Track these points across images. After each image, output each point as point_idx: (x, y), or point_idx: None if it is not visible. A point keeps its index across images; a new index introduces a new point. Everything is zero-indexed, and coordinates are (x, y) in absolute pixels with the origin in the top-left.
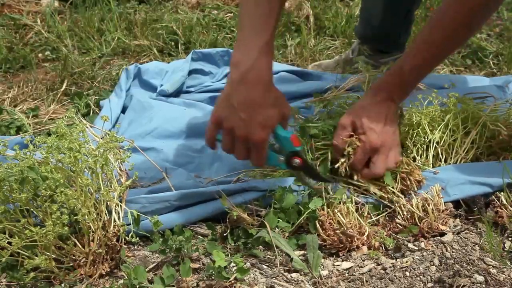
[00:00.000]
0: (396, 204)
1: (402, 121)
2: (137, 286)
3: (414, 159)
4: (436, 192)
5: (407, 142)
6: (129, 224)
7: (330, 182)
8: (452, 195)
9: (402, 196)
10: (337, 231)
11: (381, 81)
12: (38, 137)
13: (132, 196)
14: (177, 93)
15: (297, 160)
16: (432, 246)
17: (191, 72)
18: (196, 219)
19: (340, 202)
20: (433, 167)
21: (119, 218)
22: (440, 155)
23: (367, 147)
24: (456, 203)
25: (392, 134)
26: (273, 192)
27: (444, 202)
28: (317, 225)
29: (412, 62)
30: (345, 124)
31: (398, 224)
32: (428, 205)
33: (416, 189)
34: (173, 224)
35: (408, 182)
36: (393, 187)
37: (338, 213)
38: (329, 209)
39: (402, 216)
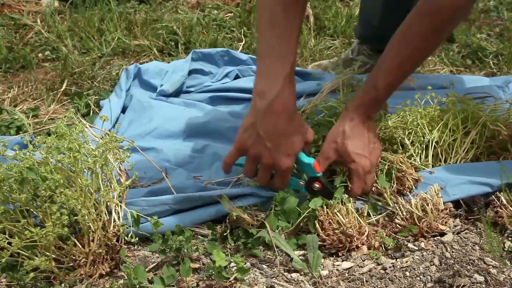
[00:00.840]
0: (395, 205)
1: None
2: (137, 286)
3: (410, 158)
4: (435, 192)
5: (405, 141)
6: (130, 227)
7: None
8: (452, 195)
9: (399, 197)
10: (337, 231)
11: (357, 101)
12: (38, 137)
13: (132, 198)
14: (177, 93)
15: (317, 185)
16: (432, 246)
17: (191, 72)
18: (195, 223)
19: (339, 203)
20: (433, 167)
21: (119, 218)
22: (440, 155)
23: (361, 173)
24: (456, 203)
25: (377, 151)
26: (274, 198)
27: (444, 202)
28: (317, 225)
29: (386, 79)
30: (328, 154)
31: (397, 224)
32: (427, 205)
33: (414, 187)
34: (173, 227)
35: (405, 180)
36: (389, 188)
37: (338, 213)
38: (328, 210)
39: (402, 216)
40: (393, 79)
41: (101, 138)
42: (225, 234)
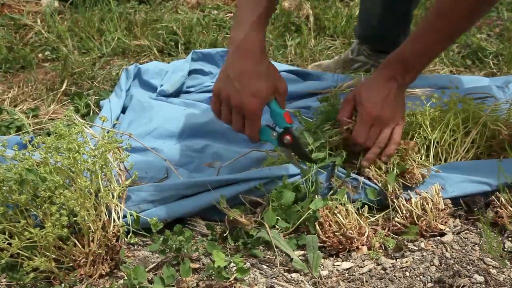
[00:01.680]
0: (394, 203)
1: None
2: (137, 286)
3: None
4: (436, 191)
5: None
6: (130, 224)
7: (315, 163)
8: (449, 192)
9: (400, 187)
10: (337, 233)
11: (384, 62)
12: (38, 137)
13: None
14: (177, 93)
15: (287, 137)
16: (432, 246)
17: (191, 72)
18: (200, 208)
19: (341, 204)
20: (433, 165)
21: (118, 219)
22: (440, 155)
23: (364, 116)
24: (456, 203)
25: (392, 109)
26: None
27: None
28: (317, 226)
29: (415, 45)
30: (348, 98)
31: (397, 223)
32: (427, 204)
33: (419, 181)
34: (176, 214)
35: (410, 176)
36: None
37: (338, 214)
38: (328, 211)
39: (401, 215)
40: (423, 46)
41: (101, 138)
42: (225, 234)
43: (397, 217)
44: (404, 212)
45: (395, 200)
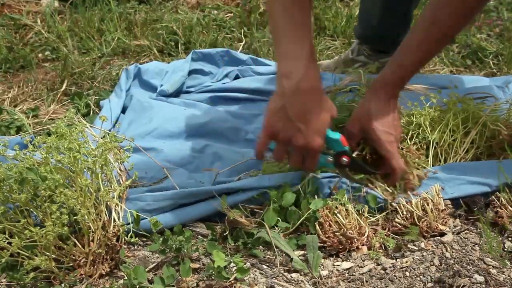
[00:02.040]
0: (395, 204)
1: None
2: (137, 286)
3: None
4: (436, 192)
5: (407, 142)
6: (129, 224)
7: (374, 174)
8: (450, 193)
9: (404, 194)
10: (337, 233)
11: (382, 79)
12: (38, 137)
13: (135, 195)
14: (177, 93)
15: (345, 159)
16: (432, 246)
17: (191, 72)
18: (199, 217)
19: (341, 204)
20: (433, 166)
21: (119, 218)
22: (440, 155)
23: (393, 151)
24: (456, 204)
25: (400, 128)
26: (271, 188)
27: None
28: (317, 226)
29: (412, 58)
30: (354, 131)
31: (397, 224)
32: (428, 205)
33: (416, 186)
34: (175, 222)
35: (411, 177)
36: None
37: (338, 214)
38: (328, 211)
39: (402, 215)
40: (420, 58)
41: (101, 138)
42: (225, 234)
43: (398, 218)
44: (404, 213)
45: (394, 204)
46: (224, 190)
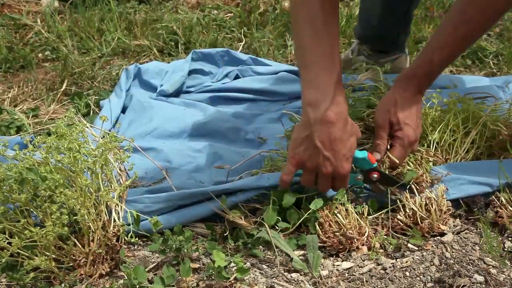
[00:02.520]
0: (398, 202)
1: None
2: (137, 286)
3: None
4: (441, 193)
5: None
6: (129, 224)
7: (402, 183)
8: (451, 194)
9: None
10: (337, 233)
11: (410, 74)
12: (38, 137)
13: (134, 196)
14: (177, 93)
15: (375, 175)
16: (432, 246)
17: (191, 72)
18: (197, 218)
19: (341, 204)
20: (433, 166)
21: (119, 218)
22: (440, 155)
23: (405, 142)
24: (456, 203)
25: (420, 127)
26: (271, 188)
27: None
28: (317, 226)
29: (441, 54)
30: (383, 124)
31: (399, 221)
32: (432, 205)
33: (427, 185)
34: (174, 224)
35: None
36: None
37: (338, 214)
38: (328, 211)
39: (404, 213)
40: (449, 55)
41: (101, 138)
42: (225, 234)
43: (400, 215)
44: (407, 211)
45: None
46: (222, 191)
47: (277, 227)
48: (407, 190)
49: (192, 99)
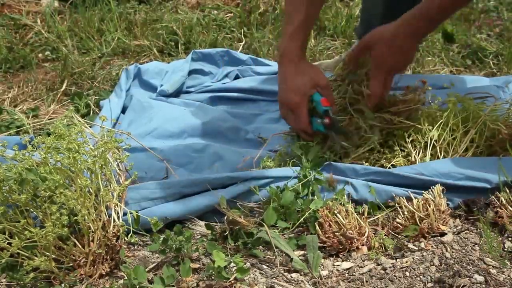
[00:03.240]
0: (396, 204)
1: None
2: (137, 286)
3: (407, 156)
4: (438, 193)
5: (406, 143)
6: (129, 224)
7: (353, 135)
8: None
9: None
10: (337, 234)
11: (408, 16)
12: (38, 137)
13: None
14: (177, 93)
15: (327, 121)
16: (432, 246)
17: (191, 72)
18: (200, 209)
19: (341, 204)
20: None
21: (118, 218)
22: (439, 154)
23: (378, 62)
24: (456, 204)
25: (407, 58)
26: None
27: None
28: (317, 227)
29: (440, 4)
30: (364, 38)
31: (398, 224)
32: (429, 206)
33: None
34: (178, 213)
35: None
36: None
37: (338, 214)
38: (328, 211)
39: (403, 215)
40: (447, 4)
41: (100, 139)
42: (225, 234)
43: (399, 218)
44: (406, 213)
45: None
46: (226, 179)
47: (277, 227)
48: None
49: (192, 99)
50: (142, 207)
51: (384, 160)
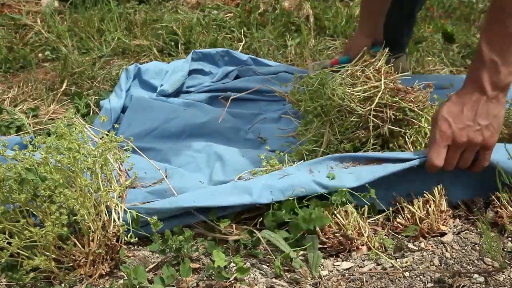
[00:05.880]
0: (398, 204)
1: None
2: (137, 286)
3: None
4: (438, 193)
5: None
6: (130, 224)
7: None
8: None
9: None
10: (337, 234)
11: (466, 76)
12: (38, 137)
13: (131, 203)
14: (177, 93)
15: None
16: (432, 246)
17: (191, 72)
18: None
19: (339, 205)
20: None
21: (118, 218)
22: None
23: (433, 138)
24: (456, 203)
25: (478, 133)
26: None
27: None
28: (317, 227)
29: (491, 48)
30: (444, 131)
31: (399, 224)
32: (429, 206)
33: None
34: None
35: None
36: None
37: (338, 215)
38: (327, 212)
39: (403, 216)
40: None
41: (100, 139)
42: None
43: (399, 218)
44: (406, 213)
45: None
46: (213, 207)
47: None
48: None
49: (192, 99)
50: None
51: None
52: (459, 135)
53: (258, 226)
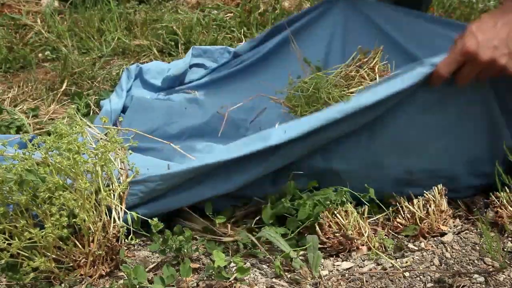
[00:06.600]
0: (398, 204)
1: None
2: (137, 286)
3: None
4: (438, 193)
5: None
6: (129, 225)
7: None
8: None
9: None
10: (337, 234)
11: None
12: (38, 137)
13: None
14: (180, 83)
15: None
16: (432, 246)
17: (192, 67)
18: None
19: (339, 205)
20: None
21: (119, 219)
22: None
23: (457, 47)
24: (456, 204)
25: (505, 53)
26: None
27: None
28: (317, 227)
29: None
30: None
31: (399, 224)
32: (430, 206)
33: None
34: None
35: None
36: None
37: (338, 215)
38: (328, 212)
39: (403, 215)
40: None
41: (100, 139)
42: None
43: (399, 218)
44: (406, 213)
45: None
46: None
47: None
48: None
49: (195, 85)
50: (152, 195)
51: None
52: (483, 54)
53: (257, 224)
